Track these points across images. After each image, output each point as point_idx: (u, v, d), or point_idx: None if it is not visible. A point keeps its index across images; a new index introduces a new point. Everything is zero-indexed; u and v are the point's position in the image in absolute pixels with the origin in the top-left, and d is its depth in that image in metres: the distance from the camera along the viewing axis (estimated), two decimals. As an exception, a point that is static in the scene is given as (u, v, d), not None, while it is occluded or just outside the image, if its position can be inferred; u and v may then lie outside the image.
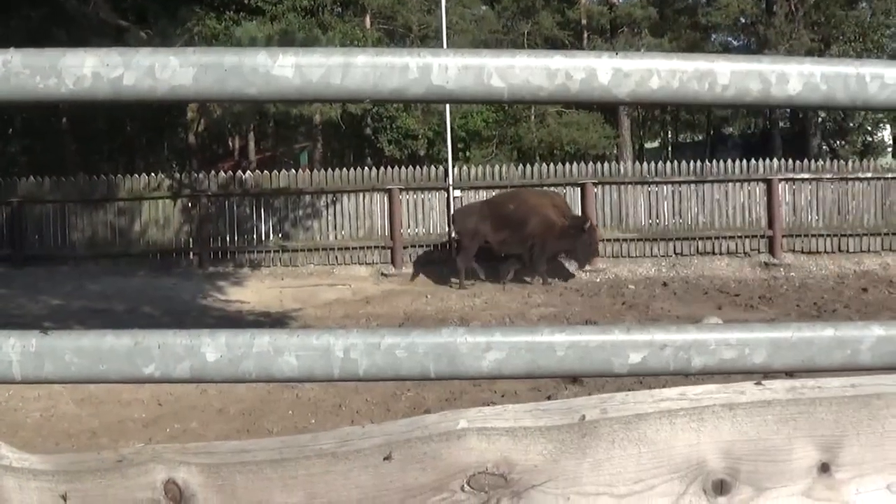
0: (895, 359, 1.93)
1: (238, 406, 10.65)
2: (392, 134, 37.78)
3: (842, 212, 26.01)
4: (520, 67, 1.79)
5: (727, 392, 1.78)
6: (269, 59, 1.76)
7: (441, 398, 11.20)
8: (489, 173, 25.95)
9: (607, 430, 1.70)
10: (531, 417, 1.70)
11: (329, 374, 1.77)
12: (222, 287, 21.93)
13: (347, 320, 18.21)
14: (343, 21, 38.86)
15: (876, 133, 46.33)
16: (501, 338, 1.81)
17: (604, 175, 25.92)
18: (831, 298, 20.51)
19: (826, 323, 1.91)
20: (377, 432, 1.68)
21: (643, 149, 56.18)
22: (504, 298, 21.22)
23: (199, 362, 1.77)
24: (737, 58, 1.86)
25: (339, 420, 10.38)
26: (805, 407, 1.77)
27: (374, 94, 1.78)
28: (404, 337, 1.79)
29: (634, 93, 1.82)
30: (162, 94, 1.76)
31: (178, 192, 24.93)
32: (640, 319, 18.02)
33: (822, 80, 1.88)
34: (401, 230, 25.07)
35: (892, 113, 28.72)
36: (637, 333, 1.86)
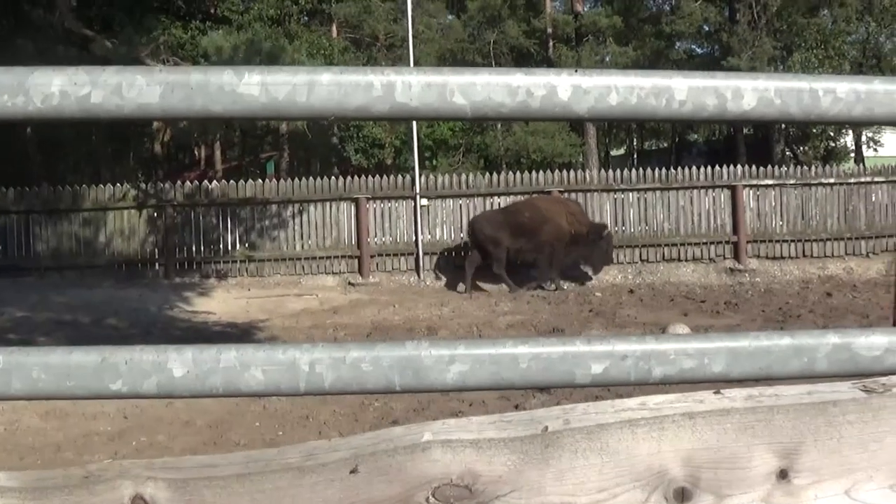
0: (851, 366, 1.97)
1: (205, 418, 10.62)
2: (359, 143, 37.80)
3: (805, 217, 26.18)
4: (481, 84, 1.82)
5: (687, 401, 1.81)
6: (235, 78, 1.78)
7: (409, 408, 11.21)
8: (456, 182, 25.96)
9: (570, 440, 1.72)
10: (495, 429, 1.73)
11: (295, 389, 1.80)
12: (189, 298, 21.82)
13: (315, 330, 18.17)
14: (310, 30, 38.89)
15: (838, 139, 46.66)
16: (465, 350, 1.84)
17: (570, 183, 25.98)
18: (796, 303, 20.62)
19: (783, 332, 1.95)
20: (343, 446, 1.70)
21: (609, 156, 56.40)
22: (471, 307, 21.23)
23: (166, 378, 1.78)
24: (693, 74, 1.90)
25: (306, 432, 10.37)
26: (763, 415, 1.80)
27: (339, 112, 1.81)
28: (369, 351, 1.82)
29: (594, 109, 1.85)
30: (129, 112, 1.78)
31: (143, 202, 24.81)
32: (607, 326, 18.08)
33: (777, 95, 1.92)
34: (368, 239, 25.05)
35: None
36: (598, 344, 1.89)
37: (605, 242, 23.72)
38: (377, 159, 37.87)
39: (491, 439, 1.70)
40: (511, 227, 23.54)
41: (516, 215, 23.84)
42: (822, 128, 41.89)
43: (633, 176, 26.35)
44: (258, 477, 1.66)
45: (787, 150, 44.26)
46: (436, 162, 38.58)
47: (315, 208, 25.20)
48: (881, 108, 1.96)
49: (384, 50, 42.52)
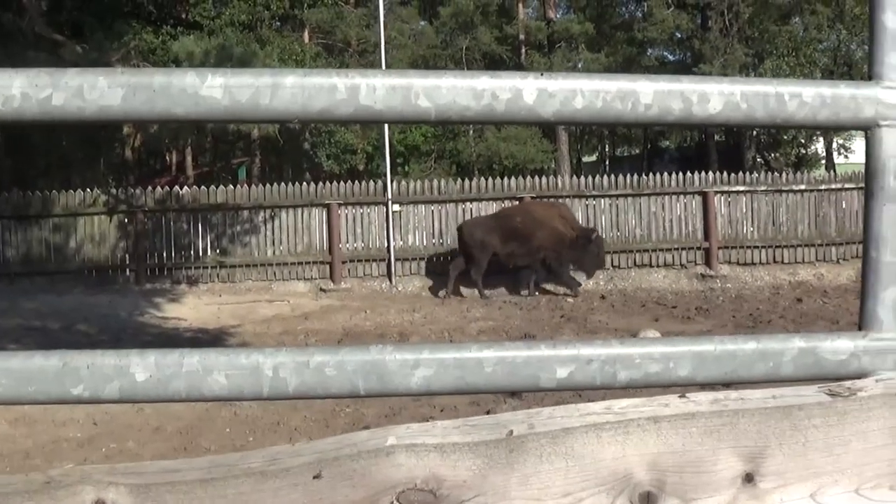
0: (816, 371, 1.97)
1: (175, 424, 10.57)
2: (331, 149, 37.75)
3: (776, 223, 26.29)
4: (446, 88, 1.82)
5: (652, 405, 1.80)
6: (197, 80, 1.77)
7: (380, 414, 11.18)
8: (428, 188, 25.97)
9: (535, 444, 1.72)
10: (459, 433, 1.72)
11: (258, 393, 1.79)
12: (159, 304, 21.73)
13: (286, 336, 18.12)
14: (281, 36, 38.80)
15: (809, 145, 46.89)
16: (430, 355, 1.83)
17: (542, 189, 26.03)
18: (767, 309, 20.70)
19: (749, 336, 1.96)
20: (306, 450, 1.69)
21: (581, 163, 56.48)
22: (443, 312, 21.22)
23: (128, 382, 1.77)
24: (659, 78, 1.90)
25: (277, 438, 10.33)
26: (728, 419, 1.80)
27: (303, 115, 1.80)
28: (333, 355, 1.81)
29: (559, 112, 1.85)
30: (90, 114, 1.77)
31: (114, 207, 24.70)
32: (579, 332, 18.09)
33: (743, 99, 1.92)
34: (339, 245, 25.02)
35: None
36: (563, 348, 1.89)
37: (595, 246, 23.77)
38: (349, 165, 37.83)
39: (455, 444, 1.70)
40: (502, 232, 23.58)
41: (508, 220, 23.92)
42: (794, 134, 42.09)
43: (604, 182, 26.41)
44: (221, 482, 1.64)
45: (759, 156, 44.44)
46: (408, 168, 38.59)
47: (287, 214, 25.15)
48: (847, 112, 1.97)
49: (356, 56, 42.46)
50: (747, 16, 40.12)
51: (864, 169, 2.03)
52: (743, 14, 39.92)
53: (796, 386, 1.94)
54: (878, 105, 1.97)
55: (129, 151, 40.83)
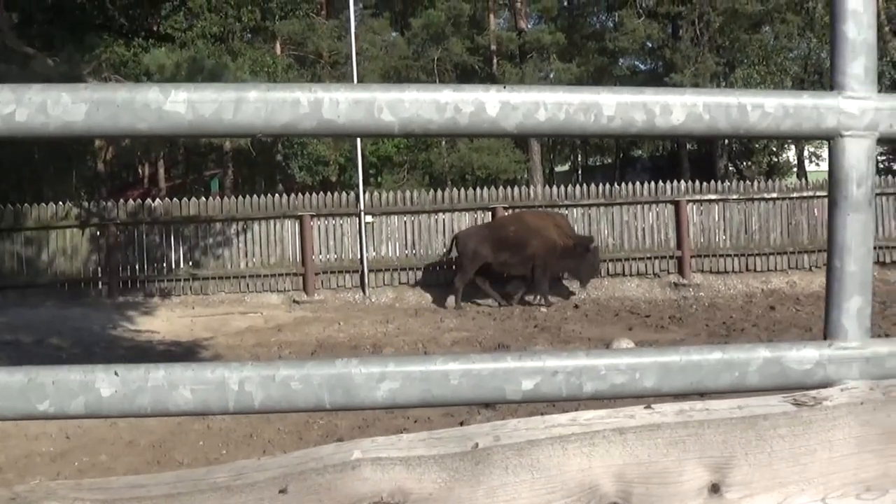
0: (781, 380, 1.98)
1: (148, 438, 10.53)
2: (303, 160, 37.72)
3: (749, 231, 26.40)
4: (409, 101, 1.82)
5: (617, 416, 1.81)
6: (160, 95, 1.77)
7: (354, 426, 11.16)
8: (401, 198, 25.98)
9: (500, 457, 1.72)
10: (425, 446, 1.72)
11: (224, 408, 1.78)
12: (132, 317, 21.65)
13: (259, 349, 18.09)
14: (253, 48, 38.74)
15: (781, 154, 47.10)
16: (395, 367, 1.83)
17: (514, 199, 26.08)
18: (740, 317, 20.76)
19: (714, 346, 1.96)
20: (272, 465, 1.68)
21: (553, 172, 56.57)
22: (416, 324, 21.22)
23: (93, 398, 1.76)
24: (621, 90, 1.90)
25: (250, 450, 10.31)
26: (694, 429, 1.80)
27: (266, 129, 1.80)
28: (299, 369, 1.81)
29: (522, 125, 1.85)
30: (54, 130, 1.76)
31: (86, 220, 24.60)
32: (552, 342, 18.12)
33: (705, 110, 1.93)
34: (312, 257, 24.99)
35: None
36: (529, 360, 1.89)
37: (591, 255, 23.89)
38: (322, 176, 37.81)
39: (421, 456, 1.70)
40: (495, 241, 23.66)
41: (501, 230, 24.05)
42: (765, 143, 42.25)
43: (577, 192, 26.46)
44: (187, 497, 1.64)
45: (731, 165, 44.64)
46: (380, 179, 38.59)
47: (259, 226, 25.11)
48: (809, 122, 1.98)
49: (328, 67, 42.48)
50: (718, 25, 40.29)
51: (828, 178, 2.04)
52: (713, 23, 40.10)
53: (762, 396, 1.95)
54: (841, 115, 1.98)
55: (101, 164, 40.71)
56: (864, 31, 1.99)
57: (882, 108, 2.01)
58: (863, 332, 2.03)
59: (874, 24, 2.00)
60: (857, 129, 1.99)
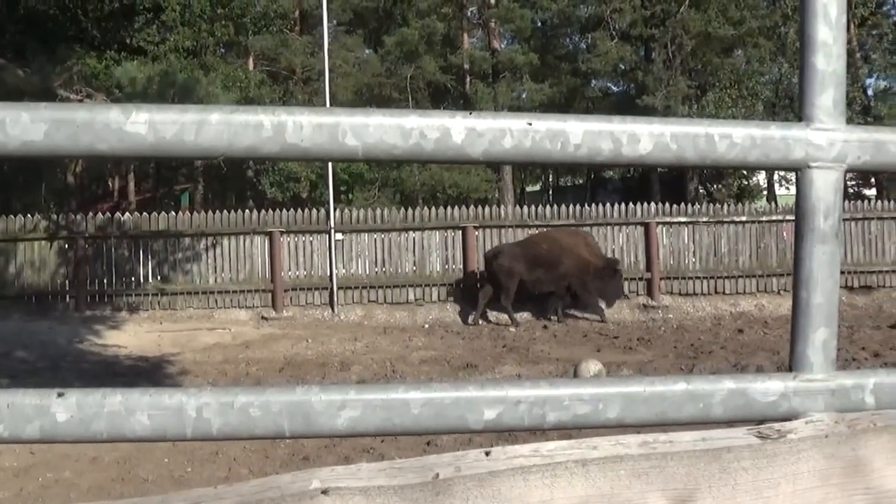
0: (746, 412, 1.97)
1: (112, 454, 10.44)
2: (274, 176, 37.64)
3: (718, 254, 26.52)
4: (374, 126, 1.80)
5: (580, 448, 1.79)
6: (121, 116, 1.74)
7: (320, 445, 11.11)
8: (371, 216, 25.96)
9: (461, 487, 1.70)
10: (385, 476, 1.70)
11: (182, 434, 1.75)
12: (99, 331, 21.53)
13: (227, 365, 18.01)
14: (226, 62, 38.68)
15: (751, 177, 47.29)
16: (356, 395, 1.81)
17: (485, 218, 26.12)
18: (708, 340, 20.81)
19: (678, 377, 1.95)
20: (229, 493, 1.66)
21: (524, 192, 56.70)
22: (385, 342, 21.18)
23: (49, 422, 1.73)
24: (588, 118, 1.89)
25: (215, 468, 10.24)
26: (657, 461, 1.79)
27: (229, 152, 1.78)
28: (258, 395, 1.78)
29: (488, 152, 1.84)
30: (13, 149, 1.74)
31: (55, 233, 24.47)
32: (521, 363, 18.09)
33: (673, 140, 1.92)
34: (282, 273, 24.93)
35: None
36: (491, 389, 1.87)
37: (618, 277, 24.25)
38: (292, 193, 37.71)
39: (381, 487, 1.67)
40: (528, 259, 23.96)
41: (534, 248, 24.32)
42: (735, 166, 42.39)
43: (548, 212, 26.53)
44: (140, 526, 1.61)
45: (701, 187, 44.79)
46: (351, 196, 38.55)
47: (229, 242, 25.05)
48: (777, 153, 1.97)
49: (301, 83, 42.44)
50: (690, 48, 40.49)
51: (795, 210, 2.04)
52: (686, 46, 40.28)
53: (726, 428, 1.93)
54: (808, 146, 1.98)
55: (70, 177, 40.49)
56: (834, 63, 1.98)
57: (850, 140, 2.00)
58: (828, 364, 2.02)
59: (843, 56, 2.00)
60: (825, 160, 1.99)
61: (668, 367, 17.20)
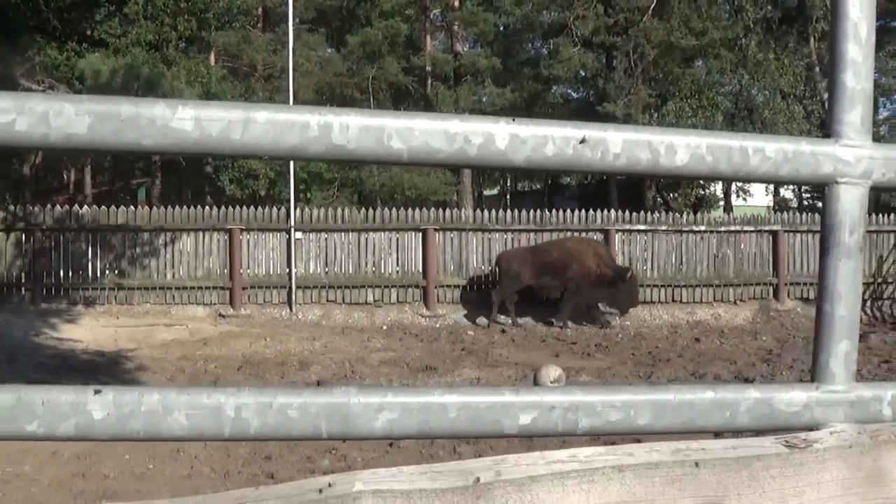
0: (770, 421, 1.99)
1: (73, 450, 10.34)
2: (233, 173, 37.43)
3: (676, 263, 26.68)
4: (419, 130, 1.81)
5: (616, 454, 1.81)
6: (168, 111, 1.74)
7: (282, 445, 11.05)
8: (331, 216, 25.90)
9: (501, 492, 1.71)
10: (426, 479, 1.70)
11: (219, 434, 1.76)
12: (55, 324, 21.35)
13: (185, 362, 17.91)
14: (188, 57, 38.44)
15: (708, 187, 47.54)
16: (394, 398, 1.82)
17: (445, 221, 26.14)
18: (665, 348, 20.92)
19: (706, 385, 1.97)
20: (270, 494, 1.66)
21: (482, 196, 56.74)
22: (344, 342, 21.15)
23: (85, 420, 1.73)
24: (626, 128, 1.91)
25: (177, 465, 10.19)
26: (690, 468, 1.81)
27: (274, 151, 1.78)
28: (297, 397, 1.79)
29: (530, 159, 1.85)
30: (55, 141, 1.73)
31: (11, 225, 24.23)
32: (480, 366, 18.12)
33: (708, 152, 1.94)
34: (240, 271, 24.84)
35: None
36: (526, 395, 1.88)
37: (630, 285, 24.41)
38: (251, 190, 37.54)
39: (422, 490, 1.68)
40: (537, 265, 24.32)
41: (544, 254, 24.65)
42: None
43: (507, 217, 26.59)
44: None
45: (658, 196, 45.00)
46: (310, 195, 38.38)
47: (188, 237, 24.92)
48: (807, 168, 2.00)
49: (262, 80, 42.29)
50: (652, 57, 40.67)
51: (821, 224, 2.06)
52: (648, 55, 40.46)
53: (753, 437, 1.96)
54: (837, 162, 2.01)
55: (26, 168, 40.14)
56: (863, 81, 2.01)
57: (876, 157, 2.03)
58: (849, 375, 2.05)
59: (871, 75, 2.03)
60: (852, 176, 2.02)
61: (627, 374, 17.29)
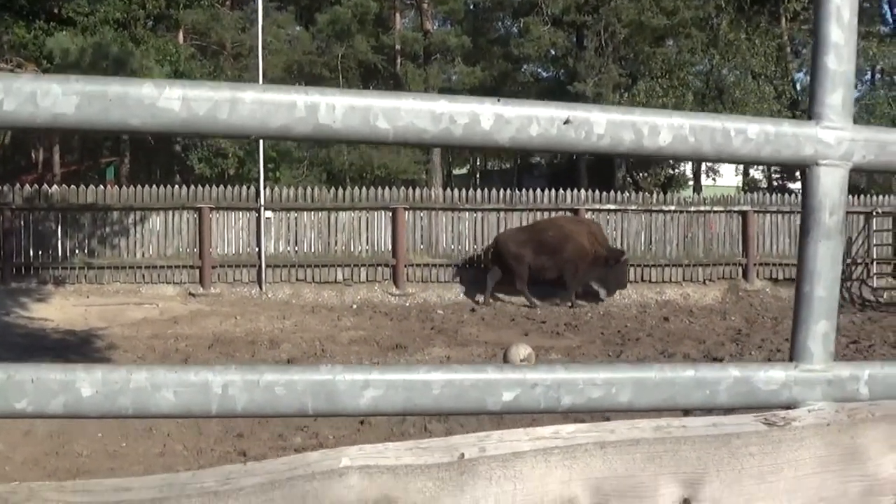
0: (750, 399, 2.02)
1: (46, 427, 10.31)
2: (202, 152, 37.26)
3: (645, 243, 26.76)
4: (405, 110, 1.82)
5: (598, 430, 1.83)
6: (155, 91, 1.74)
7: (253, 421, 11.03)
8: (301, 195, 25.86)
9: (485, 468, 1.73)
10: (412, 455, 1.72)
11: (207, 411, 1.77)
12: (25, 303, 21.28)
13: (155, 340, 17.88)
14: (156, 36, 38.18)
15: (678, 167, 47.70)
16: (379, 376, 1.83)
17: (415, 200, 26.13)
18: (634, 327, 21.00)
19: (687, 364, 1.99)
20: (259, 470, 1.67)
21: (452, 175, 56.72)
22: (314, 321, 21.15)
23: (73, 398, 1.73)
24: (611, 108, 1.93)
25: (150, 443, 10.19)
26: (671, 445, 1.83)
27: (261, 131, 1.78)
28: (283, 374, 1.80)
29: (515, 139, 1.87)
30: (42, 122, 1.73)
31: (-21, 204, 24.10)
32: (450, 345, 18.17)
33: (691, 133, 1.96)
34: (210, 250, 24.78)
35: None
36: (510, 373, 1.90)
37: (620, 267, 24.74)
38: (220, 169, 37.39)
39: (408, 465, 1.70)
40: (534, 244, 24.38)
41: (540, 234, 24.71)
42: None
43: (478, 196, 26.60)
44: (173, 501, 1.62)
45: (628, 176, 45.10)
46: (279, 174, 38.27)
47: (157, 217, 24.85)
48: (788, 150, 2.02)
49: (231, 59, 42.10)
50: (623, 37, 40.72)
51: (801, 205, 2.09)
52: (619, 35, 40.50)
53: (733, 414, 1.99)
54: (818, 144, 2.03)
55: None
56: (845, 64, 2.03)
57: (857, 139, 2.06)
58: (827, 355, 2.08)
59: (854, 58, 2.05)
60: (833, 158, 2.04)
61: (596, 353, 17.36)
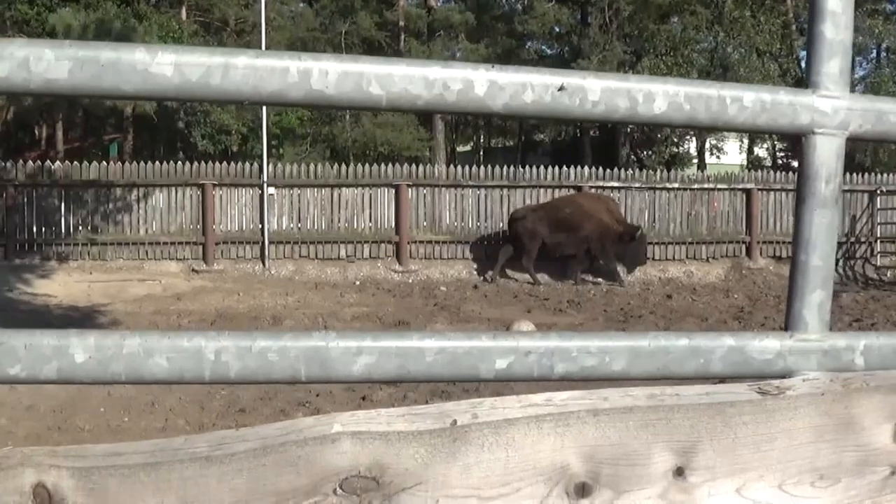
0: (744, 368, 2.02)
1: (49, 403, 10.35)
2: (206, 128, 37.18)
3: (649, 220, 26.72)
4: (399, 76, 1.82)
5: (592, 398, 1.83)
6: (147, 56, 1.74)
7: (255, 397, 11.11)
8: (304, 171, 25.84)
9: (477, 434, 1.73)
10: (404, 422, 1.72)
11: (200, 377, 1.77)
12: (29, 280, 21.32)
13: (158, 316, 17.91)
14: (159, 12, 38.12)
15: (682, 145, 47.62)
16: (372, 343, 1.83)
17: (418, 177, 26.12)
18: (637, 304, 21.01)
19: (681, 333, 1.99)
20: (252, 435, 1.67)
21: (455, 152, 56.63)
22: (317, 297, 21.16)
23: (67, 363, 1.74)
24: (606, 75, 1.92)
25: (152, 418, 10.21)
26: (664, 413, 1.83)
27: (253, 97, 1.78)
28: (276, 340, 1.80)
29: (508, 105, 1.86)
30: (36, 87, 1.73)
31: (-17, 181, 24.12)
32: (452, 321, 18.19)
33: (686, 100, 1.95)
34: (213, 226, 24.79)
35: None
36: (503, 340, 1.90)
37: (638, 243, 24.77)
38: (223, 146, 37.34)
39: (400, 432, 1.70)
40: (550, 222, 24.43)
41: (557, 211, 24.74)
42: (668, 133, 42.69)
43: (481, 173, 26.58)
44: (166, 466, 1.62)
45: (632, 153, 45.02)
46: (282, 150, 38.24)
47: (160, 193, 24.86)
48: (784, 118, 2.02)
49: (234, 35, 42.00)
50: (627, 13, 40.60)
51: (797, 174, 2.08)
52: (623, 12, 40.38)
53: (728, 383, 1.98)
54: (814, 113, 2.02)
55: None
56: (842, 32, 2.02)
57: (854, 108, 2.05)
58: (822, 325, 2.08)
59: (851, 26, 2.04)
60: (829, 127, 2.03)
61: (599, 330, 17.35)
